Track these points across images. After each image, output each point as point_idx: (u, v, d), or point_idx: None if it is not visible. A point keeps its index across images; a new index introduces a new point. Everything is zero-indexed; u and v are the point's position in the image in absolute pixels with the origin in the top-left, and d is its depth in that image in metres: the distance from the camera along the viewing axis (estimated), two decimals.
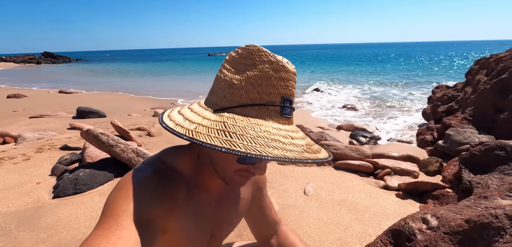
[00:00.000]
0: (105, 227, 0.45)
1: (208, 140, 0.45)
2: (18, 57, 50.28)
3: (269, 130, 0.49)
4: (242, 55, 0.55)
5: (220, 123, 0.49)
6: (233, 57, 0.56)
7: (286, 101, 0.53)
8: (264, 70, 0.52)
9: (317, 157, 0.51)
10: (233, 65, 0.55)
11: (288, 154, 0.47)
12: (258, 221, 0.87)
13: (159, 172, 0.57)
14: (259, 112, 0.51)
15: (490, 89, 4.00)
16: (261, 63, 0.53)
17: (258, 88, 0.52)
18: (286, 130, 0.52)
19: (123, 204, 0.49)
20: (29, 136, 4.15)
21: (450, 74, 18.18)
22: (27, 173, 2.78)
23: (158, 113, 7.11)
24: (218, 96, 0.55)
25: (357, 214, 2.15)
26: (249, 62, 0.53)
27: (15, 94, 10.36)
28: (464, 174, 2.38)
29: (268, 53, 0.54)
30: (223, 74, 0.56)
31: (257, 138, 0.47)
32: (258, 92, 0.52)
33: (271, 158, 0.44)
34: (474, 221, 1.23)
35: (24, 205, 2.18)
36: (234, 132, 0.47)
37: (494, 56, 5.04)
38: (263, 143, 0.46)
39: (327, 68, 25.98)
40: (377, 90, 12.64)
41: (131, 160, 2.75)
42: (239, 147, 0.44)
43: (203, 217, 0.66)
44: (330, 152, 3.57)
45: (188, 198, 0.61)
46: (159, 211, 0.53)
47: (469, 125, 3.98)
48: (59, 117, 6.68)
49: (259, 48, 0.54)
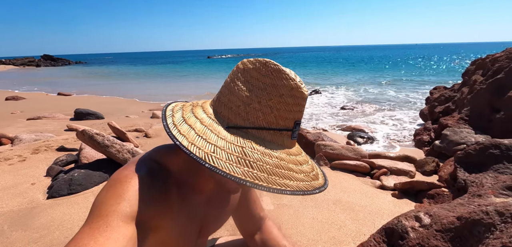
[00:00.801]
0: (94, 227, 0.44)
1: (231, 171, 0.44)
2: (17, 60, 50.27)
3: (282, 156, 0.50)
4: (261, 72, 0.52)
5: (238, 148, 0.48)
6: (249, 70, 0.54)
7: (296, 125, 0.54)
8: (283, 95, 0.51)
9: (320, 184, 0.53)
10: (249, 80, 0.53)
11: (301, 185, 0.49)
12: (243, 215, 0.86)
13: (151, 172, 0.56)
14: (273, 136, 0.52)
15: (486, 89, 4.02)
16: (282, 87, 0.51)
17: (276, 113, 0.51)
18: (294, 154, 0.54)
19: (113, 204, 0.47)
20: (26, 137, 4.14)
21: (447, 75, 18.23)
22: (22, 174, 2.77)
23: (156, 115, 7.10)
24: (232, 111, 0.53)
25: (352, 213, 2.14)
26: (268, 81, 0.51)
27: (13, 97, 10.36)
28: (459, 173, 2.38)
29: (288, 76, 0.52)
30: (237, 88, 0.53)
31: (274, 168, 0.48)
32: (275, 116, 0.51)
33: (290, 193, 0.46)
34: (465, 218, 1.23)
35: (18, 205, 2.17)
36: (254, 161, 0.47)
37: (490, 56, 5.06)
38: (280, 174, 0.48)
39: (326, 70, 26.04)
40: (375, 91, 12.66)
41: (127, 160, 2.75)
42: (261, 181, 0.45)
43: (193, 217, 0.65)
44: (327, 152, 3.58)
45: (180, 199, 0.60)
46: (151, 212, 0.52)
47: (465, 125, 3.99)
48: (56, 119, 6.68)
49: (280, 69, 0.52)
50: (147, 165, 0.57)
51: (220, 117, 0.54)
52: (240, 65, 0.56)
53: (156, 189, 0.54)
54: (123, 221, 0.46)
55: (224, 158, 0.46)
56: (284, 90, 0.51)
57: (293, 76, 0.52)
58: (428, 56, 46.62)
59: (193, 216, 0.65)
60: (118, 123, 4.65)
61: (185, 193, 0.62)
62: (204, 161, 0.44)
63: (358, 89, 13.34)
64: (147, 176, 0.54)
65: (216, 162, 0.45)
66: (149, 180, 0.54)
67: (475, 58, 5.61)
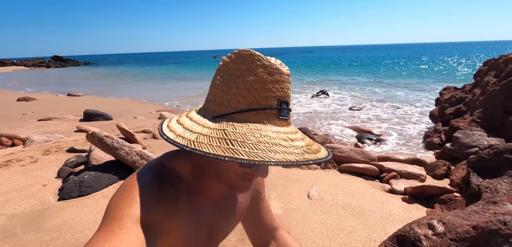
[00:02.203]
0: (108, 230, 0.45)
1: (211, 150, 0.46)
2: (28, 61, 51.40)
3: (268, 134, 0.50)
4: (235, 61, 0.55)
5: (220, 131, 0.49)
6: (226, 63, 0.57)
7: (282, 103, 0.54)
8: (259, 74, 0.53)
9: (317, 157, 0.51)
10: (227, 71, 0.56)
11: (290, 157, 0.47)
12: (255, 225, 0.85)
13: (160, 176, 0.57)
14: (257, 116, 0.52)
15: (499, 91, 3.92)
16: (256, 68, 0.53)
17: (255, 93, 0.52)
18: (285, 132, 0.53)
19: (126, 208, 0.49)
20: (37, 138, 4.22)
21: (458, 76, 17.89)
22: (34, 175, 2.82)
23: (164, 116, 7.16)
24: (215, 104, 0.55)
25: (361, 218, 2.11)
26: (243, 67, 0.54)
27: (25, 97, 10.58)
28: (472, 178, 2.32)
29: (262, 57, 0.54)
30: (218, 81, 0.56)
31: (258, 144, 0.47)
32: (255, 97, 0.52)
33: (274, 163, 0.44)
34: (482, 228, 1.19)
35: (30, 207, 2.21)
36: (235, 139, 0.47)
37: (503, 57, 4.94)
38: (265, 149, 0.47)
39: (333, 70, 25.85)
40: (382, 91, 12.51)
41: (135, 162, 2.77)
42: (241, 155, 0.45)
43: (202, 222, 0.65)
44: (335, 154, 3.54)
45: (189, 203, 0.61)
46: (161, 215, 0.53)
47: (477, 128, 3.89)
48: (66, 119, 6.79)
49: (252, 53, 0.54)
50: (157, 170, 0.58)
51: (208, 112, 0.56)
52: (220, 62, 0.59)
53: (165, 193, 0.56)
54: (136, 224, 0.47)
55: (205, 141, 0.48)
56: (258, 70, 0.53)
57: (266, 57, 0.54)
58: (437, 55, 45.84)
59: (202, 221, 0.65)
60: (126, 124, 4.70)
61: (194, 198, 0.63)
62: (186, 146, 0.47)
63: (365, 90, 13.20)
64: (158, 181, 0.56)
65: (197, 145, 0.47)
66: (159, 185, 0.55)
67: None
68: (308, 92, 12.73)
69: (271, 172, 3.04)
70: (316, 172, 3.17)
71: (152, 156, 2.86)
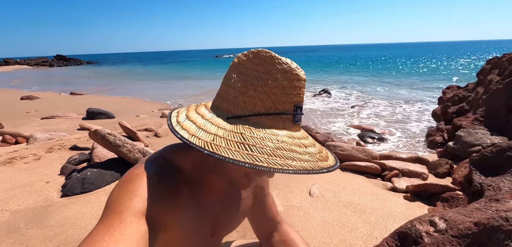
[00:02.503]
0: (108, 223, 0.45)
1: (230, 155, 0.45)
2: (31, 60, 51.70)
3: (284, 139, 0.50)
4: (254, 61, 0.54)
5: (237, 134, 0.48)
6: (243, 62, 0.55)
7: (297, 109, 0.54)
8: (278, 79, 0.52)
9: (329, 165, 0.52)
10: (244, 71, 0.54)
11: (306, 164, 0.47)
12: (259, 219, 0.86)
13: (162, 170, 0.57)
14: (273, 121, 0.52)
15: (503, 89, 3.89)
16: (276, 72, 0.52)
17: (273, 97, 0.52)
18: (299, 137, 0.53)
19: (126, 201, 0.49)
20: (40, 136, 4.25)
21: (463, 74, 17.79)
22: (38, 172, 2.85)
23: (166, 114, 7.18)
24: (230, 103, 0.54)
25: (363, 216, 2.11)
26: (262, 69, 0.53)
27: (28, 96, 10.65)
28: (474, 176, 2.31)
29: (281, 61, 0.53)
30: (233, 80, 0.55)
31: (276, 150, 0.47)
32: (273, 101, 0.52)
33: (292, 172, 0.44)
34: (484, 224, 1.19)
35: (33, 203, 2.23)
36: (254, 144, 0.47)
37: (507, 55, 4.90)
38: (282, 156, 0.47)
39: (335, 69, 25.78)
40: (384, 90, 12.46)
41: (138, 160, 2.78)
42: (261, 162, 0.44)
43: (204, 216, 0.65)
44: (337, 153, 3.54)
45: (190, 197, 0.61)
46: (162, 209, 0.53)
47: (480, 126, 3.87)
48: (69, 118, 6.83)
49: (272, 55, 0.53)
50: (157, 163, 0.58)
51: (220, 110, 0.55)
52: (235, 60, 0.58)
53: (166, 186, 0.55)
54: (136, 217, 0.47)
55: (223, 144, 0.47)
56: (278, 75, 0.52)
57: (285, 61, 0.53)
58: (440, 54, 45.59)
59: (205, 215, 0.65)
60: (129, 123, 4.72)
61: (196, 192, 0.62)
62: (204, 148, 0.46)
63: (367, 88, 13.15)
64: (158, 174, 0.55)
65: (215, 149, 0.46)
66: (159, 178, 0.55)
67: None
68: (310, 91, 12.71)
69: None
70: None
71: None
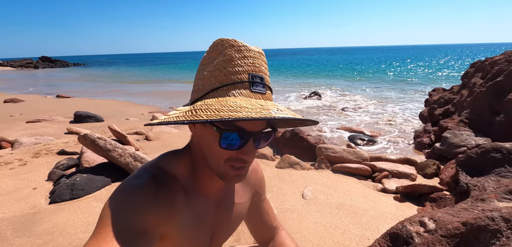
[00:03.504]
0: (100, 237, 0.45)
1: (174, 119, 0.50)
2: (15, 62, 50.04)
3: (237, 101, 0.50)
4: (209, 50, 0.59)
5: (191, 108, 0.53)
6: (204, 56, 0.61)
7: (255, 77, 0.54)
8: (227, 54, 0.55)
9: (286, 116, 0.48)
10: (203, 61, 0.60)
11: (253, 114, 0.46)
12: (257, 225, 0.87)
13: (156, 179, 0.56)
14: (228, 91, 0.53)
15: (485, 92, 4.04)
16: (224, 49, 0.56)
17: (224, 71, 0.54)
18: (260, 103, 0.51)
19: (119, 214, 0.48)
20: (26, 141, 4.13)
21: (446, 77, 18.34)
22: (24, 178, 2.76)
23: (156, 117, 7.09)
24: (194, 92, 0.59)
25: (355, 217, 2.15)
26: (215, 53, 0.57)
27: (12, 99, 10.31)
28: (461, 176, 2.39)
29: (230, 40, 0.57)
30: (197, 72, 0.61)
31: (221, 107, 0.48)
32: (225, 74, 0.54)
33: (233, 119, 0.45)
34: (471, 224, 1.24)
35: (20, 211, 2.16)
36: (200, 108, 0.50)
37: (489, 59, 5.09)
38: (227, 110, 0.47)
39: (325, 72, 26.09)
40: (374, 93, 12.71)
41: (129, 164, 2.74)
42: (201, 117, 0.47)
43: (201, 222, 0.65)
44: (328, 155, 3.58)
45: (187, 204, 0.61)
46: (157, 219, 0.53)
47: (465, 128, 4.01)
48: (56, 121, 6.65)
49: (222, 39, 0.58)
50: (152, 173, 0.58)
51: (189, 102, 0.60)
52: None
53: (161, 196, 0.55)
54: (129, 229, 0.47)
55: (173, 118, 0.51)
56: (226, 50, 0.55)
57: (235, 40, 0.57)
58: (429, 56, 46.88)
59: (202, 221, 0.65)
60: (118, 126, 4.64)
61: (192, 199, 0.62)
62: (155, 123, 0.50)
63: (357, 91, 13.38)
64: (152, 184, 0.55)
65: (166, 119, 0.51)
66: (154, 188, 0.54)
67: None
68: (300, 93, 12.82)
69: (266, 173, 3.05)
70: (310, 172, 3.20)
71: (145, 158, 2.84)
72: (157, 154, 0.65)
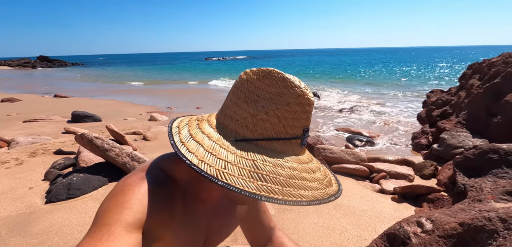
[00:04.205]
0: (96, 237, 0.44)
1: (245, 187, 0.44)
2: (13, 61, 49.82)
3: (294, 166, 0.50)
4: (265, 82, 0.52)
5: (250, 161, 0.47)
6: (253, 81, 0.53)
7: (305, 132, 0.54)
8: (290, 104, 0.51)
9: (335, 191, 0.53)
10: (254, 90, 0.52)
11: (316, 194, 0.48)
12: (253, 227, 0.85)
13: (155, 180, 0.55)
14: (283, 145, 0.51)
15: (483, 93, 4.06)
16: (288, 95, 0.51)
17: (284, 122, 0.51)
18: (305, 162, 0.53)
19: (116, 213, 0.47)
20: (23, 140, 4.10)
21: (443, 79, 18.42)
22: (20, 177, 2.74)
23: (154, 118, 7.07)
24: (239, 124, 0.52)
25: (352, 218, 2.15)
26: (274, 90, 0.51)
27: (9, 98, 10.25)
28: (458, 177, 2.40)
29: (294, 83, 0.52)
30: (242, 99, 0.53)
31: (288, 179, 0.47)
32: (284, 126, 0.51)
33: (306, 203, 0.45)
34: (468, 224, 1.24)
35: (16, 210, 2.15)
36: (267, 174, 0.46)
37: (487, 61, 5.12)
38: (294, 185, 0.47)
39: (323, 73, 26.15)
40: (372, 94, 12.74)
41: (126, 164, 2.73)
42: (276, 194, 0.44)
43: (198, 227, 0.65)
44: (326, 156, 3.58)
45: (184, 208, 0.60)
46: (154, 221, 0.52)
47: (463, 129, 4.02)
48: (53, 121, 6.62)
49: (284, 77, 0.52)
50: (151, 173, 0.56)
51: (227, 130, 0.53)
52: (243, 76, 0.55)
53: (160, 197, 0.54)
54: (126, 230, 0.46)
55: (236, 173, 0.45)
56: (291, 99, 0.51)
57: (298, 83, 0.52)
58: (427, 59, 47.07)
59: (198, 225, 0.64)
60: (116, 126, 4.62)
61: (190, 202, 0.61)
62: (217, 178, 0.44)
63: (355, 92, 13.41)
64: (151, 185, 0.53)
65: (229, 179, 0.44)
66: (153, 189, 0.53)
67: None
68: None
69: None
70: None
71: (143, 158, 2.83)
72: (155, 154, 0.64)
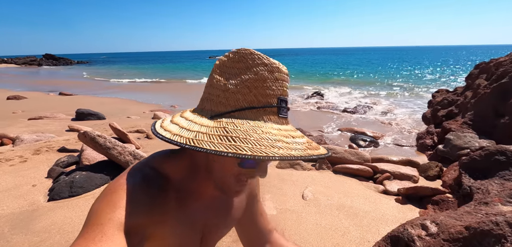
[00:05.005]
0: (88, 237, 0.43)
1: (212, 147, 0.44)
2: (19, 59, 50.45)
3: (270, 131, 0.49)
4: (234, 59, 0.55)
5: (221, 129, 0.48)
6: (224, 62, 0.56)
7: (282, 102, 0.54)
8: (259, 73, 0.52)
9: (319, 153, 0.51)
10: (225, 70, 0.55)
11: (293, 152, 0.47)
12: (250, 230, 0.83)
13: (148, 178, 0.55)
14: (257, 114, 0.51)
15: (490, 94, 3.98)
16: (255, 66, 0.53)
17: (255, 91, 0.52)
18: (286, 129, 0.52)
19: (109, 213, 0.47)
20: (27, 138, 4.14)
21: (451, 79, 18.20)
22: (23, 175, 2.76)
23: (158, 116, 7.09)
24: (213, 103, 0.54)
25: (355, 219, 2.12)
26: (242, 65, 0.53)
27: (15, 96, 10.37)
28: (464, 179, 2.35)
29: (261, 56, 0.54)
30: (215, 80, 0.55)
31: (260, 140, 0.46)
32: (255, 95, 0.52)
33: (278, 158, 0.44)
34: (474, 228, 1.20)
35: (18, 208, 2.16)
36: (237, 136, 0.46)
37: (494, 60, 5.03)
38: (268, 144, 0.46)
39: (328, 72, 26.03)
40: (377, 94, 12.63)
41: (128, 162, 2.73)
42: (245, 151, 0.44)
43: (193, 224, 0.64)
44: (330, 156, 3.56)
45: (178, 206, 0.59)
46: (146, 220, 0.51)
47: (469, 130, 3.95)
48: (58, 119, 6.67)
49: (251, 52, 0.54)
50: (143, 172, 0.56)
51: (204, 111, 0.55)
52: (216, 61, 0.58)
53: (152, 196, 0.53)
54: (118, 230, 0.45)
55: (206, 139, 0.46)
56: (258, 68, 0.52)
57: (264, 56, 0.54)
58: (433, 59, 46.56)
59: (193, 223, 0.63)
60: (119, 124, 4.64)
61: (184, 200, 0.61)
62: (185, 144, 0.45)
63: (359, 91, 13.32)
64: (143, 183, 0.53)
65: (197, 143, 0.46)
66: (145, 187, 0.53)
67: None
68: (303, 93, 12.78)
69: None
70: (311, 173, 3.17)
71: (145, 156, 2.82)
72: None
